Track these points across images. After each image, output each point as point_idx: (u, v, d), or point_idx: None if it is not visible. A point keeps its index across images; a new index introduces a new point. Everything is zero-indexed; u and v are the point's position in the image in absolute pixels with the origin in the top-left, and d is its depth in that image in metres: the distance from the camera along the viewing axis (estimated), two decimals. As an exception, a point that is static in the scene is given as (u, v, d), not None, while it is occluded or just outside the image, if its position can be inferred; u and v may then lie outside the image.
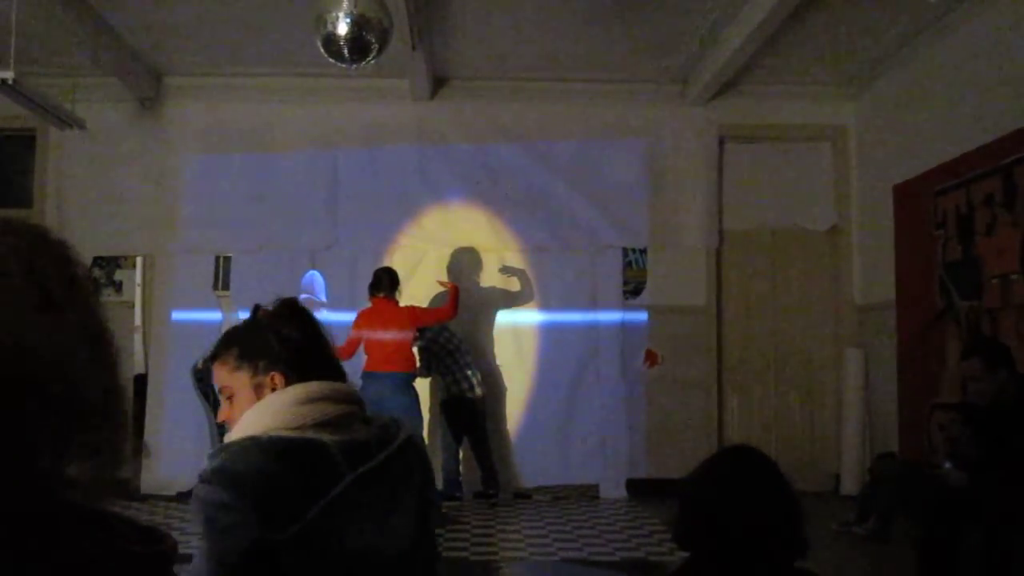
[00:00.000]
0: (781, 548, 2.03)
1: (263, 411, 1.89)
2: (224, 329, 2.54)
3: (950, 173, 6.73)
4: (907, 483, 5.73)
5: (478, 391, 7.75)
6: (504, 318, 8.46)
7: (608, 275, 8.50)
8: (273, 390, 1.96)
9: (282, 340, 2.01)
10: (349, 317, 7.53)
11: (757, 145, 8.71)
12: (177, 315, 8.35)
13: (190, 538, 1.87)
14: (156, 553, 0.90)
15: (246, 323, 2.07)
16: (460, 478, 7.94)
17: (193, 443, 7.88)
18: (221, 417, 2.04)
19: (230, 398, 2.01)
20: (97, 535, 0.84)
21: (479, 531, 6.81)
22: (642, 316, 8.49)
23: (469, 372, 7.74)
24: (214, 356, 2.04)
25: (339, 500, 1.76)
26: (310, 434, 1.84)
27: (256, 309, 2.09)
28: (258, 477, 1.73)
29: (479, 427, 7.82)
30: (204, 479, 1.75)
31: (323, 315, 8.22)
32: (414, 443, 1.99)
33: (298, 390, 1.92)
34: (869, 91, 8.25)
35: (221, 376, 2.02)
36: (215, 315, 8.35)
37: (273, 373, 1.97)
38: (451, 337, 7.78)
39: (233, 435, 1.88)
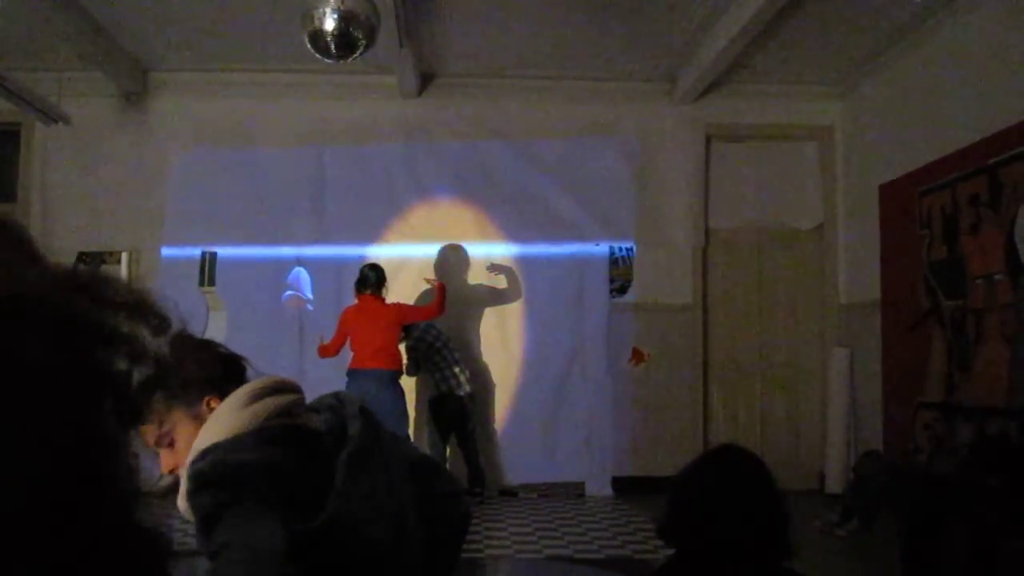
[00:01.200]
0: (766, 548, 2.04)
1: (213, 426, 1.72)
2: (208, 327, 2.36)
3: (935, 173, 6.75)
4: (891, 481, 5.75)
5: (466, 388, 7.74)
6: (490, 315, 8.45)
7: (594, 273, 8.51)
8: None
9: (196, 362, 1.85)
10: (335, 314, 7.54)
11: (743, 144, 8.73)
12: (167, 251, 8.33)
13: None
14: None
15: None
16: None
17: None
18: (167, 466, 1.84)
19: (171, 444, 1.83)
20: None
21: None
22: (628, 314, 8.50)
23: (456, 370, 7.73)
24: None
25: (348, 484, 1.62)
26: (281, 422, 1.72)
27: None
28: (266, 467, 1.59)
29: (465, 425, 7.81)
30: (198, 486, 1.56)
31: (309, 311, 8.25)
32: (371, 414, 1.80)
33: (240, 393, 1.77)
34: (855, 91, 8.28)
35: (150, 427, 1.81)
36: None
37: (207, 397, 1.83)
38: (438, 335, 7.77)
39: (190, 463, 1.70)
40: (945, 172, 6.62)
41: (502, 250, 8.45)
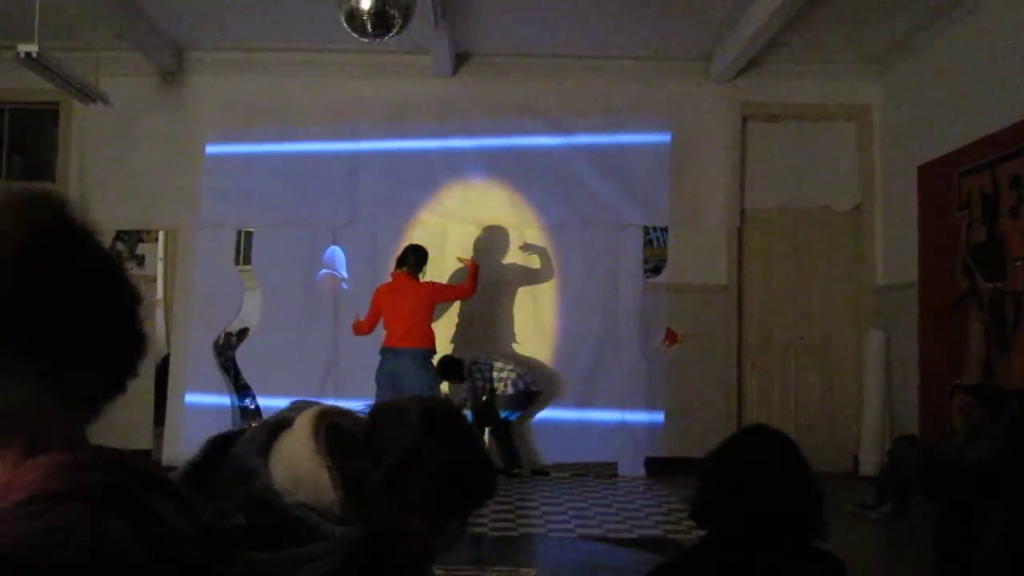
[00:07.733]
0: (799, 528, 2.04)
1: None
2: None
3: (975, 154, 6.67)
4: (925, 465, 5.71)
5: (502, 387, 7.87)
6: (524, 295, 8.46)
7: (629, 253, 8.48)
8: None
9: None
10: (370, 292, 7.58)
11: (780, 124, 8.65)
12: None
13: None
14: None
15: None
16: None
17: (215, 416, 7.97)
18: None
19: None
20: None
21: (497, 507, 6.84)
22: (662, 295, 8.47)
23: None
24: None
25: None
26: None
27: None
28: None
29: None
30: None
31: (344, 290, 8.30)
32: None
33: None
34: (894, 71, 8.17)
35: None
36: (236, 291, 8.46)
37: None
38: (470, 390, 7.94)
39: None
40: (985, 153, 6.54)
41: (536, 229, 8.44)
